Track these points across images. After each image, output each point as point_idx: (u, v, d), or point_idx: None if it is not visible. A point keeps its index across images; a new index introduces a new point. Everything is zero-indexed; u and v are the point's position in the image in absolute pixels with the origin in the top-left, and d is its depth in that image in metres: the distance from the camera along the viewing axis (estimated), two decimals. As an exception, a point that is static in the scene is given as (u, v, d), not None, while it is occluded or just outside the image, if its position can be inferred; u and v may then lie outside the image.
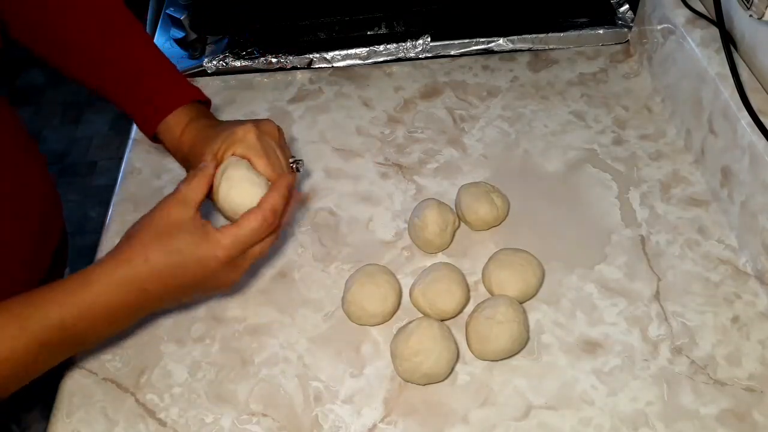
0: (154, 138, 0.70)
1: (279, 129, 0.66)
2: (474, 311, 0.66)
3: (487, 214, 0.73)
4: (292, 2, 0.98)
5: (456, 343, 0.64)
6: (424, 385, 0.63)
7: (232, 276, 0.58)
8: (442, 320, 0.66)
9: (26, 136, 0.75)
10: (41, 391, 0.68)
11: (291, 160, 0.66)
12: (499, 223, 0.75)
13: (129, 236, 0.55)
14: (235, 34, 0.98)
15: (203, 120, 0.68)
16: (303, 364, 0.65)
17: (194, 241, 0.54)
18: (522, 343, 0.64)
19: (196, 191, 0.57)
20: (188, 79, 0.94)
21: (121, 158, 0.85)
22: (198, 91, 0.71)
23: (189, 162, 0.67)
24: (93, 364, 0.66)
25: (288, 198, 0.59)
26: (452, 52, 0.96)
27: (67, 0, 0.69)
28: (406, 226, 0.75)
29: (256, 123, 0.64)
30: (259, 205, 0.57)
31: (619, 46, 0.96)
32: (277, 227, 0.59)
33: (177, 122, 0.68)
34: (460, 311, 0.67)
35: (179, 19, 0.97)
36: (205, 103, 0.72)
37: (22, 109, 2.31)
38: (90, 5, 0.69)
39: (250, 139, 0.62)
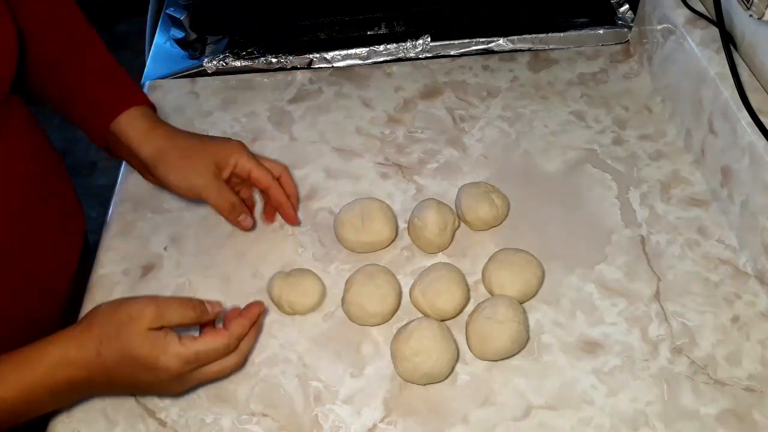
0: (106, 148, 0.70)
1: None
2: (474, 311, 0.66)
3: (487, 214, 0.73)
4: (292, 2, 0.98)
5: (456, 343, 0.64)
6: (424, 385, 0.63)
7: (178, 388, 0.57)
8: (442, 320, 0.66)
9: (56, 156, 0.75)
10: None
11: None
12: (499, 223, 0.75)
13: (91, 318, 0.55)
14: (235, 34, 0.98)
15: (164, 127, 0.69)
16: (303, 364, 0.65)
17: (151, 349, 0.53)
18: (522, 343, 0.64)
19: (174, 316, 0.55)
20: (187, 79, 0.94)
21: (121, 158, 0.85)
22: (145, 96, 0.72)
23: (153, 167, 0.67)
24: (93, 364, 0.66)
25: (255, 325, 0.60)
26: (452, 52, 0.96)
27: (27, 11, 0.67)
28: (406, 226, 0.75)
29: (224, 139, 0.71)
30: (226, 327, 0.57)
31: (619, 46, 0.96)
32: (240, 353, 0.59)
33: (134, 126, 0.67)
34: (460, 311, 0.67)
35: (179, 19, 0.97)
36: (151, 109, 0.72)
37: (22, 109, 2.31)
38: (50, 17, 0.69)
39: (245, 150, 0.69)
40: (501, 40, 0.95)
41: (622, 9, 0.97)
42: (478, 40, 0.95)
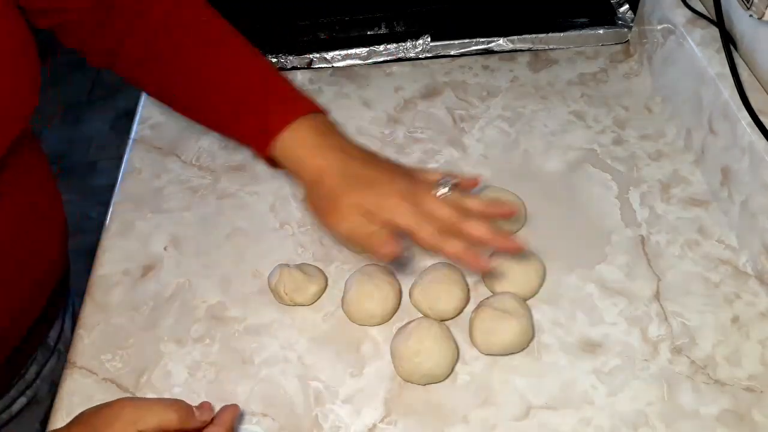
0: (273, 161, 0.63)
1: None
2: (481, 304, 0.65)
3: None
4: (292, 2, 0.98)
5: (456, 343, 0.64)
6: (424, 385, 0.63)
7: None
8: (442, 320, 0.66)
9: (51, 180, 0.73)
10: None
11: (443, 182, 0.60)
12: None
13: (71, 425, 0.52)
14: (235, 34, 0.98)
15: (333, 141, 0.61)
16: (303, 364, 0.65)
17: None
18: (527, 339, 0.64)
19: (152, 419, 0.50)
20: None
21: (121, 158, 0.85)
22: (314, 103, 0.63)
23: (313, 185, 0.61)
24: (93, 364, 0.66)
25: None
26: (452, 52, 0.96)
27: (159, 19, 0.64)
28: (406, 226, 0.75)
29: (411, 180, 0.59)
30: None
31: (619, 46, 0.96)
32: None
33: (298, 139, 0.60)
34: (460, 311, 0.67)
35: (179, 19, 0.97)
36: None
37: (22, 109, 2.30)
38: (184, 22, 0.64)
39: (403, 213, 0.57)
40: (501, 40, 0.95)
41: (622, 9, 0.97)
42: (478, 40, 0.95)
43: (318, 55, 0.95)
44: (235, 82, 0.63)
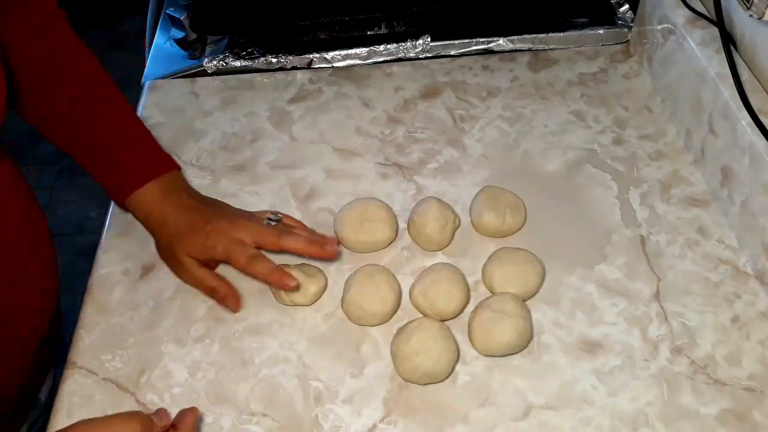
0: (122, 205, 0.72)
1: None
2: (479, 306, 0.65)
3: (490, 222, 0.73)
4: (292, 2, 0.98)
5: (456, 343, 0.64)
6: (424, 385, 0.63)
7: None
8: (442, 320, 0.66)
9: (34, 202, 0.73)
10: None
11: (271, 218, 0.71)
12: (501, 237, 0.74)
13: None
14: (235, 34, 0.98)
15: (173, 198, 0.70)
16: (303, 364, 0.65)
17: None
18: (527, 340, 0.64)
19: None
20: (187, 79, 0.94)
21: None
22: (170, 161, 0.73)
23: (157, 239, 0.71)
24: (93, 364, 0.66)
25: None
26: (452, 52, 0.96)
27: (49, 66, 0.70)
28: (406, 226, 0.75)
29: (236, 218, 0.69)
30: None
31: (619, 46, 0.96)
32: None
33: (147, 197, 0.70)
34: (461, 312, 0.67)
35: (179, 19, 0.97)
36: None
37: (22, 109, 2.30)
38: (71, 74, 0.71)
39: (221, 248, 0.67)
40: (501, 40, 0.95)
41: (622, 9, 0.97)
42: (478, 40, 0.95)
43: (318, 55, 0.95)
44: (104, 139, 0.72)
